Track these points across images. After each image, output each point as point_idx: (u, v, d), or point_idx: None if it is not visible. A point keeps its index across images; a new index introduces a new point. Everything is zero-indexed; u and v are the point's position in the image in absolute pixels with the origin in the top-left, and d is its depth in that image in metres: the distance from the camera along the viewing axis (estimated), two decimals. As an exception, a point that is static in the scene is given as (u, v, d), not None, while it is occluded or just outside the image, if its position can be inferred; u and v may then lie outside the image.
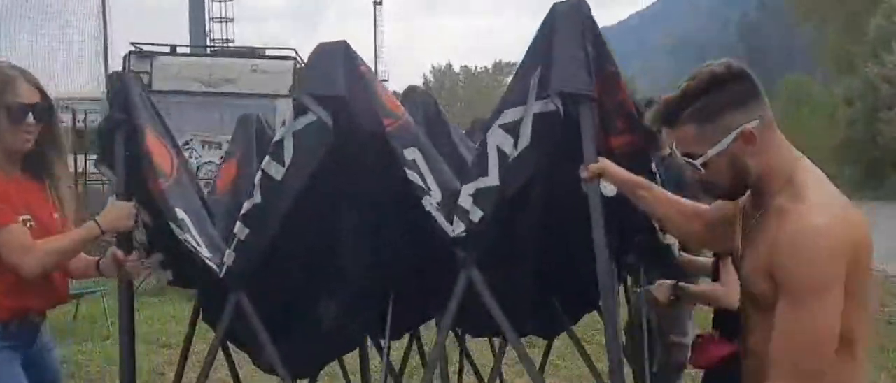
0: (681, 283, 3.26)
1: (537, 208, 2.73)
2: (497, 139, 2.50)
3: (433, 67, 74.82)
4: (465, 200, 2.51)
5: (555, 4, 2.45)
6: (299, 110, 2.52)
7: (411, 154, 2.59)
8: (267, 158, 2.56)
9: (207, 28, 21.27)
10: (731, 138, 1.78)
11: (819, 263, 1.68)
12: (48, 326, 2.82)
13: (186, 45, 14.19)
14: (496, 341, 3.71)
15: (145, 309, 7.06)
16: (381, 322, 3.23)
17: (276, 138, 2.57)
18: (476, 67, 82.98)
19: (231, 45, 26.36)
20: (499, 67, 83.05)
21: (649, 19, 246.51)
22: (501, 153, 2.48)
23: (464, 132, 3.65)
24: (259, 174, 2.57)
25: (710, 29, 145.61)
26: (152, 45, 11.20)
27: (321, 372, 3.64)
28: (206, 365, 2.77)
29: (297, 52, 11.24)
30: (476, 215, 2.48)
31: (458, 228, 2.50)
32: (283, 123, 2.63)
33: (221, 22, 29.79)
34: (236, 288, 2.66)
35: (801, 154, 1.89)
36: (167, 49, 11.39)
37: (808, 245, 1.68)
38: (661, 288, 3.23)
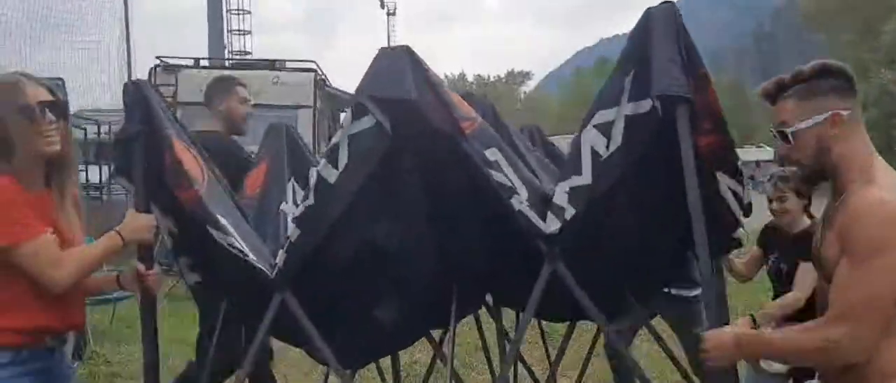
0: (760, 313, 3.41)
1: (623, 205, 2.79)
2: (590, 139, 2.59)
3: (447, 76, 75.41)
4: (560, 198, 2.59)
5: (649, 9, 2.53)
6: (358, 113, 2.52)
7: (493, 155, 2.61)
8: (322, 161, 2.57)
9: (226, 40, 21.70)
10: (822, 117, 1.99)
11: (880, 228, 1.85)
12: (72, 341, 2.74)
13: (207, 58, 14.55)
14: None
15: (176, 311, 7.35)
16: (435, 313, 3.27)
17: (333, 141, 2.58)
18: (489, 76, 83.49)
19: (249, 56, 26.96)
20: (512, 76, 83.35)
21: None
22: (595, 153, 2.57)
23: None
24: (313, 177, 2.57)
25: (725, 37, 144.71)
26: (177, 58, 11.57)
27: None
28: (248, 363, 2.78)
29: (317, 65, 11.57)
30: (569, 213, 2.57)
31: (552, 225, 2.58)
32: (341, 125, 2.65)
33: (240, 34, 30.50)
34: (284, 287, 2.67)
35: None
36: (191, 62, 11.75)
37: (872, 212, 1.87)
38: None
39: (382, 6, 53.71)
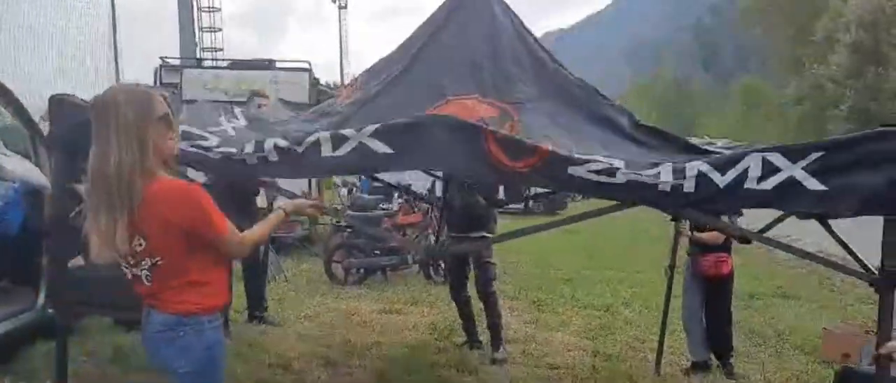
0: None
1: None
2: None
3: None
4: None
5: None
6: None
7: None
8: None
9: (196, 37, 22.16)
10: None
11: None
12: None
13: (213, 59, 15.10)
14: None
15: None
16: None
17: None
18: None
19: (220, 52, 27.36)
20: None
21: (605, 23, 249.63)
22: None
23: None
24: None
25: (664, 32, 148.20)
26: (179, 59, 12.27)
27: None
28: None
29: (310, 65, 12.42)
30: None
31: None
32: None
33: (211, 31, 30.70)
34: None
35: None
36: (193, 63, 12.46)
37: None
38: None
39: (333, 0, 53.95)
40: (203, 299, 2.50)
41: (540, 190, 6.12)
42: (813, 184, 2.60)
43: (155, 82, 11.77)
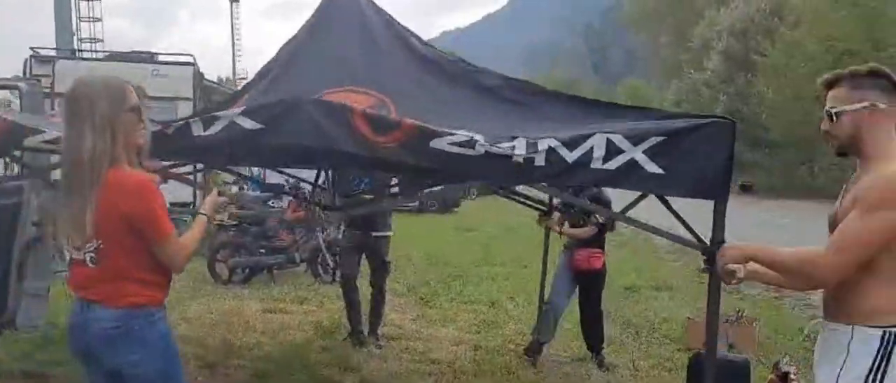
0: None
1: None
2: None
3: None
4: None
5: None
6: None
7: None
8: None
9: (75, 27, 20.96)
10: (863, 105, 2.35)
11: (883, 191, 2.24)
12: None
13: (92, 50, 14.30)
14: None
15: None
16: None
17: None
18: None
19: (100, 43, 25.84)
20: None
21: (501, 23, 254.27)
22: None
23: None
24: None
25: (559, 34, 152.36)
26: (52, 49, 11.54)
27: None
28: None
29: (194, 58, 11.99)
30: None
31: None
32: None
33: (90, 21, 28.95)
34: None
35: None
36: (67, 53, 11.75)
37: (882, 178, 2.26)
38: None
39: (226, -7, 52.35)
40: (150, 291, 2.53)
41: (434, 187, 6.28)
42: (652, 167, 2.79)
43: (24, 74, 11.01)
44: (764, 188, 31.54)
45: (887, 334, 2.28)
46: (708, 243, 2.91)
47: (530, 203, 5.84)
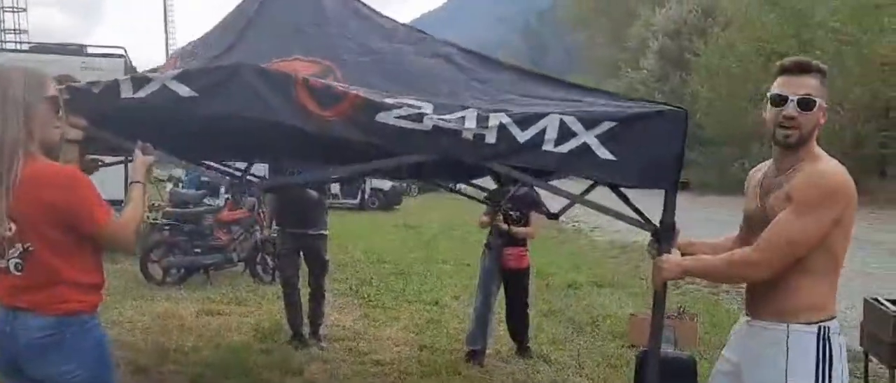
0: None
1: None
2: None
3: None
4: None
5: None
6: None
7: None
8: None
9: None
10: (825, 105, 2.37)
11: (822, 190, 2.26)
12: None
13: (16, 42, 13.58)
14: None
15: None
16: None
17: None
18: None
19: (25, 34, 24.62)
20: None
21: (441, 22, 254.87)
22: None
23: None
24: None
25: (498, 33, 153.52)
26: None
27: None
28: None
29: (125, 51, 11.53)
30: None
31: None
32: None
33: (13, 11, 27.45)
34: None
35: None
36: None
37: (819, 177, 2.29)
38: None
39: (158, -18, 50.89)
40: (84, 296, 2.38)
41: (376, 184, 6.15)
42: (603, 152, 2.70)
43: (-63, 64, 10.39)
44: (699, 185, 32.36)
45: (822, 329, 2.32)
46: (657, 225, 2.84)
47: (474, 196, 5.77)
